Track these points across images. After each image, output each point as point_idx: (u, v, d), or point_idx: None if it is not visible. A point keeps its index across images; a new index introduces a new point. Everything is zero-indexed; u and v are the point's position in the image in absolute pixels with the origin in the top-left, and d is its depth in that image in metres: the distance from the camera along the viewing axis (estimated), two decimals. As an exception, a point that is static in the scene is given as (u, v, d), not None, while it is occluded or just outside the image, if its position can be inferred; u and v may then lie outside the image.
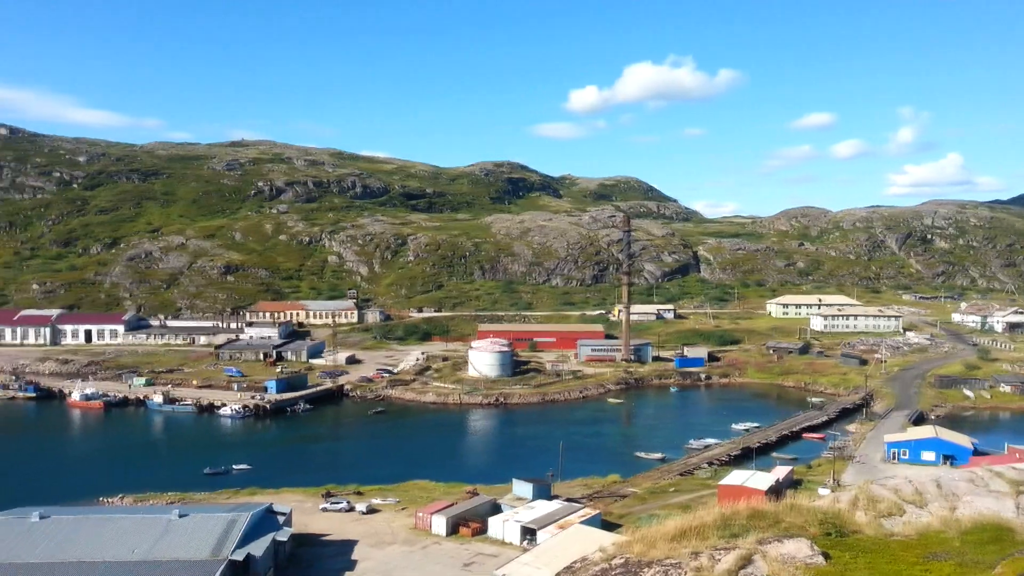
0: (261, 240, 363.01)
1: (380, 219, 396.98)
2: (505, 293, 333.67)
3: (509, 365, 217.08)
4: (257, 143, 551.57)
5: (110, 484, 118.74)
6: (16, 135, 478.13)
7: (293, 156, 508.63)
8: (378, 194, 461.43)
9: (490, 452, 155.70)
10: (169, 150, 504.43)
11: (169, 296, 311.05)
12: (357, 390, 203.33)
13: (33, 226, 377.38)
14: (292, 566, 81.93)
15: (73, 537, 75.33)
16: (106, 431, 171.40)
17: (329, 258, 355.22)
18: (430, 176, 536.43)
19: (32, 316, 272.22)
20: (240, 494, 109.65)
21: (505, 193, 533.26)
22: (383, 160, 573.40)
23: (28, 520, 78.45)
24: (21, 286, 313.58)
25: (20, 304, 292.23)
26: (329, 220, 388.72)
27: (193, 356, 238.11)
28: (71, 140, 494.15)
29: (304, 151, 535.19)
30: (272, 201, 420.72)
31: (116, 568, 70.34)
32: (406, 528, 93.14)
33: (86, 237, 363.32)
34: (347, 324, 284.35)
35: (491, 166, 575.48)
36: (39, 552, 73.08)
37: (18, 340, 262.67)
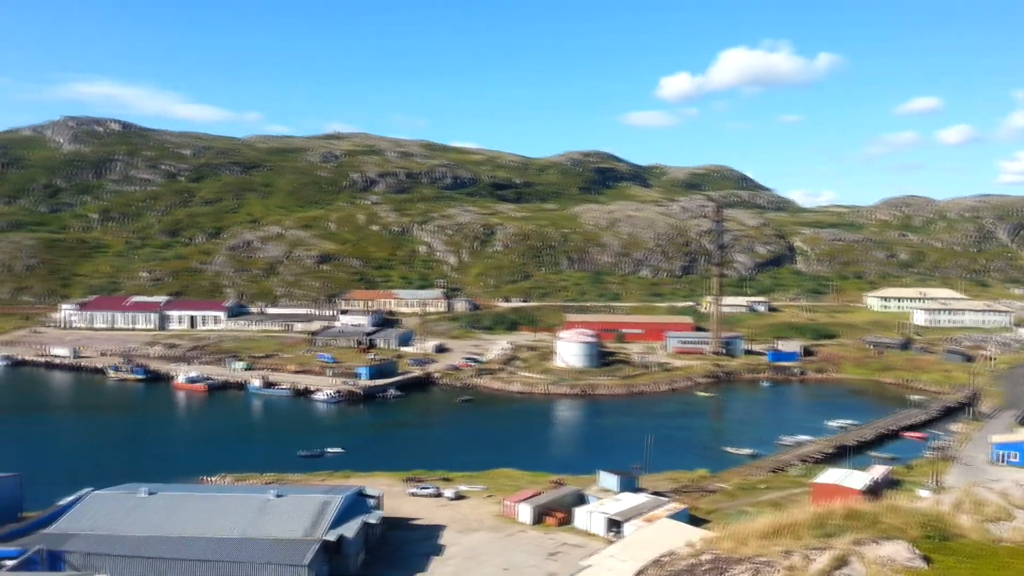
0: (354, 230, 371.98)
1: (469, 209, 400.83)
2: (593, 284, 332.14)
3: (596, 356, 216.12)
4: (351, 135, 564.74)
5: (212, 463, 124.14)
6: (128, 130, 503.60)
7: (385, 148, 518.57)
8: (467, 185, 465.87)
9: (576, 443, 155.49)
10: (268, 143, 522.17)
11: (268, 284, 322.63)
12: (445, 378, 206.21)
13: (143, 217, 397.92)
14: (382, 548, 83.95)
15: (178, 513, 79.29)
16: (208, 413, 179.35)
17: (419, 248, 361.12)
18: (518, 166, 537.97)
19: (142, 303, 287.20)
20: (333, 476, 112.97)
21: (593, 183, 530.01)
22: (472, 151, 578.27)
23: (137, 495, 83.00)
24: (132, 274, 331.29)
25: (131, 291, 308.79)
26: (419, 211, 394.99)
27: (289, 342, 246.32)
28: (177, 134, 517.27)
29: (396, 143, 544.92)
30: (365, 192, 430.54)
31: (217, 544, 73.68)
32: (492, 515, 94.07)
33: (191, 227, 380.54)
34: (436, 313, 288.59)
35: (579, 156, 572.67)
36: (146, 526, 77.26)
37: (129, 325, 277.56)
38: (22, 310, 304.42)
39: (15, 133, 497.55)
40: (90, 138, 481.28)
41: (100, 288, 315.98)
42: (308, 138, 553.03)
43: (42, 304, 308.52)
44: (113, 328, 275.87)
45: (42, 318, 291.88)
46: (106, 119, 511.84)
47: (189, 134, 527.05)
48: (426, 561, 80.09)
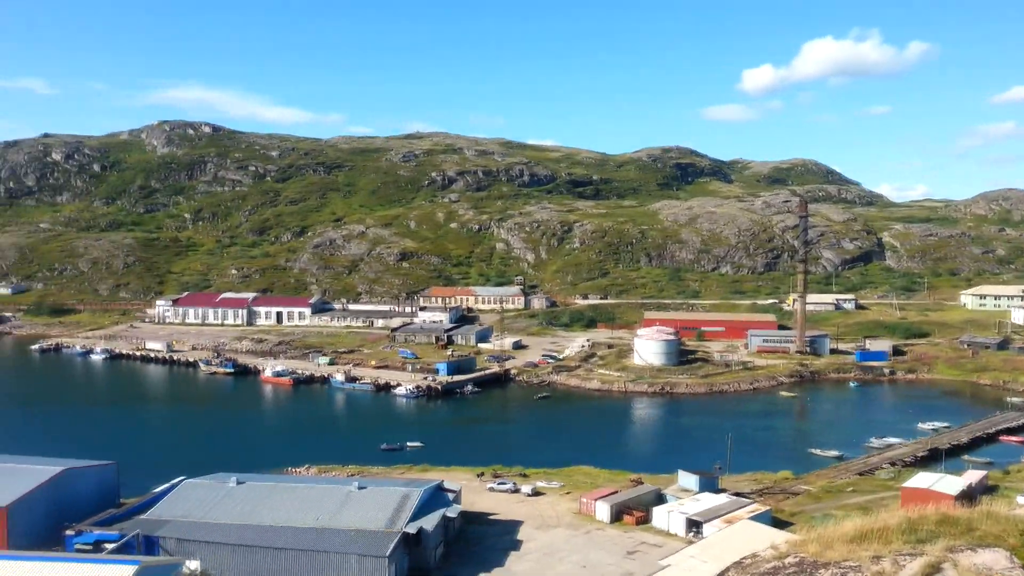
0: (434, 228, 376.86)
1: (547, 207, 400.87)
2: (672, 281, 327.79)
3: (675, 354, 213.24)
4: (431, 135, 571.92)
5: (297, 455, 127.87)
6: (218, 133, 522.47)
7: (464, 147, 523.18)
8: (545, 182, 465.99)
9: (654, 441, 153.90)
10: (351, 144, 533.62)
11: (350, 281, 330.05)
12: (523, 375, 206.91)
13: (232, 216, 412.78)
14: (460, 542, 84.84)
15: (264, 502, 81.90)
16: (294, 406, 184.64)
17: (497, 245, 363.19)
18: (596, 163, 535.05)
19: (231, 299, 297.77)
20: (413, 470, 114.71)
21: (673, 179, 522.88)
22: (550, 148, 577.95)
23: (227, 485, 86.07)
24: (222, 271, 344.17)
25: (221, 288, 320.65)
26: (497, 208, 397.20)
27: (371, 338, 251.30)
28: (265, 136, 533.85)
29: (474, 141, 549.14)
30: (444, 190, 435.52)
31: (301, 533, 75.81)
32: (570, 512, 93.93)
33: (278, 226, 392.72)
34: (514, 310, 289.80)
35: (658, 152, 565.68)
36: (235, 514, 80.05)
37: (219, 321, 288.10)
38: (120, 306, 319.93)
39: (114, 137, 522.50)
40: (183, 141, 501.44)
41: (192, 285, 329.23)
42: (389, 138, 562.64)
43: (139, 300, 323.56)
44: (204, 323, 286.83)
45: (139, 314, 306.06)
46: (198, 123, 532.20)
47: (276, 136, 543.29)
48: (504, 556, 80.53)
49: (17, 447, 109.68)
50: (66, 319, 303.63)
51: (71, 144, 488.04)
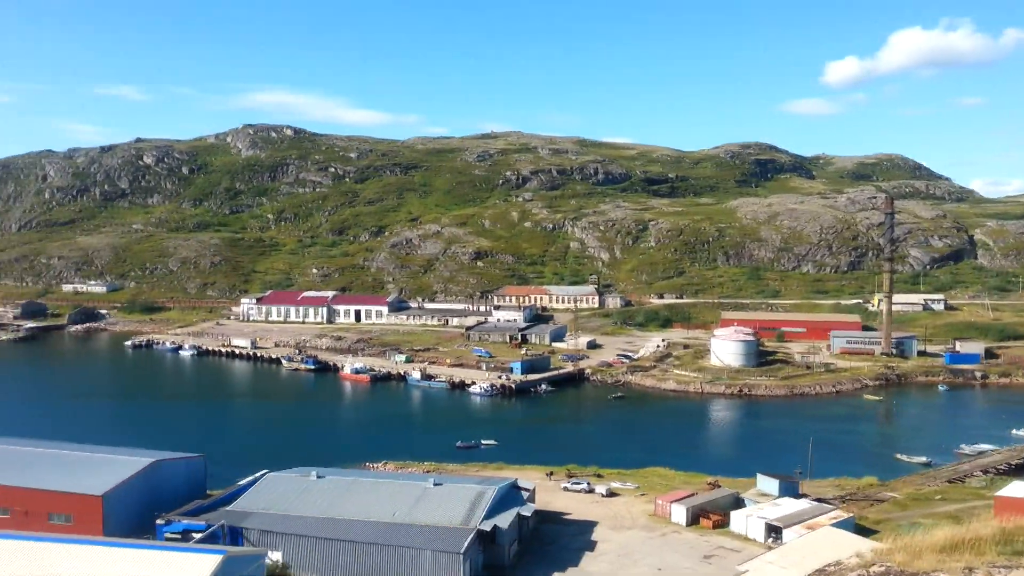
0: (508, 227, 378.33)
1: (621, 205, 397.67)
2: (751, 280, 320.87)
3: (754, 355, 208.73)
4: (505, 134, 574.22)
5: (375, 450, 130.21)
6: (299, 135, 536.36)
7: (538, 145, 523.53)
8: (619, 180, 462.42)
9: (732, 444, 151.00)
10: (427, 144, 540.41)
11: (426, 280, 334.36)
12: (597, 374, 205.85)
13: (313, 217, 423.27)
14: (534, 541, 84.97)
15: (344, 497, 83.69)
16: (372, 402, 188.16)
17: (571, 244, 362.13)
18: (672, 160, 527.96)
19: (312, 297, 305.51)
20: (488, 468, 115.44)
21: (752, 175, 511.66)
22: (625, 146, 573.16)
23: (308, 479, 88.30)
24: (303, 270, 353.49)
25: (302, 286, 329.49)
26: (572, 207, 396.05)
27: (446, 336, 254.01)
28: (344, 138, 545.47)
29: (548, 140, 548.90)
30: (518, 189, 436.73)
31: (379, 528, 77.19)
32: (645, 514, 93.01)
33: (356, 226, 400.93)
34: (588, 309, 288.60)
35: (737, 148, 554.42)
36: (316, 507, 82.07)
37: (300, 318, 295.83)
38: (207, 304, 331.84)
39: (201, 141, 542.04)
40: (266, 144, 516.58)
41: (275, 284, 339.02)
42: (464, 138, 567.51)
43: (224, 298, 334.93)
44: (286, 321, 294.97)
45: (225, 311, 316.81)
46: (280, 126, 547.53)
47: (354, 138, 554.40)
48: (578, 556, 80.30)
49: (112, 438, 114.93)
50: (157, 316, 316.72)
51: (162, 148, 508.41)
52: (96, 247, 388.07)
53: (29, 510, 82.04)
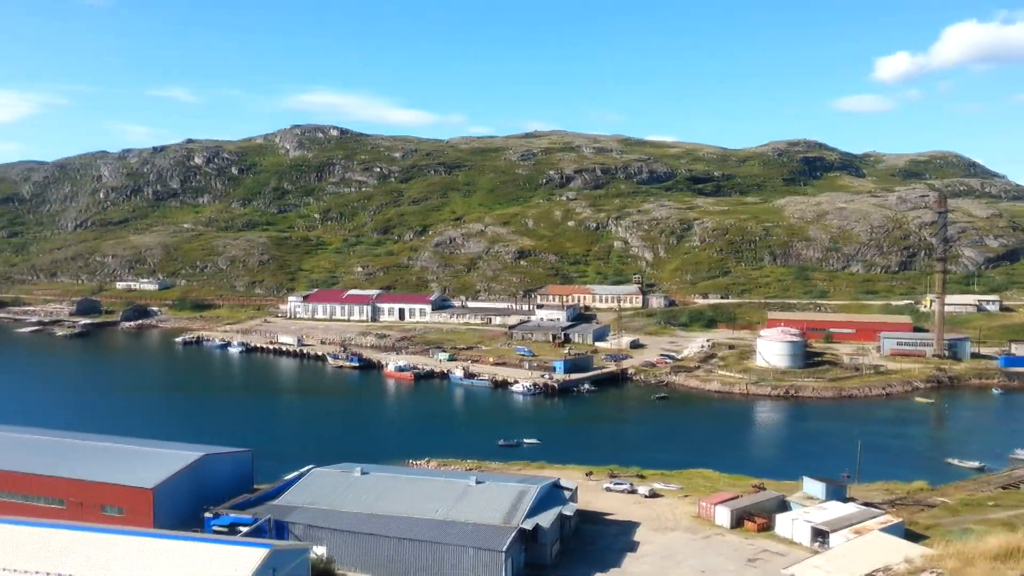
0: (551, 226, 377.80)
1: (665, 204, 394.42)
2: (797, 280, 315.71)
3: (801, 356, 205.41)
4: (549, 133, 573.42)
5: (418, 447, 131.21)
6: (345, 136, 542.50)
7: (582, 144, 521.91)
8: (664, 179, 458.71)
9: (778, 446, 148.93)
10: (470, 144, 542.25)
11: (469, 279, 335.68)
12: (640, 374, 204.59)
13: (358, 216, 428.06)
14: (576, 541, 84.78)
15: (387, 493, 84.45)
16: (415, 400, 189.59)
17: (615, 243, 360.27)
18: (717, 159, 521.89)
19: (357, 295, 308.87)
20: (529, 467, 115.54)
21: (799, 174, 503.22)
22: (669, 144, 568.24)
23: (352, 474, 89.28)
24: (348, 269, 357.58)
25: (347, 285, 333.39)
26: (615, 206, 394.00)
27: (489, 335, 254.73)
28: (389, 138, 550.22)
29: (592, 139, 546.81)
30: (561, 189, 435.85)
31: (421, 524, 77.74)
32: (688, 516, 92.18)
33: (400, 225, 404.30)
34: (631, 308, 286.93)
35: (784, 146, 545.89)
36: (360, 503, 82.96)
37: (345, 316, 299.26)
38: (255, 301, 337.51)
39: (250, 142, 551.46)
40: (313, 144, 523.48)
41: (321, 282, 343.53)
42: (507, 137, 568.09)
43: (272, 296, 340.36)
44: (331, 319, 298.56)
45: (272, 309, 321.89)
46: (327, 126, 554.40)
47: (399, 137, 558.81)
48: (620, 557, 79.89)
49: (162, 432, 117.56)
50: (206, 314, 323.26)
51: (211, 149, 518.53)
52: (148, 246, 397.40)
53: (83, 501, 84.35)
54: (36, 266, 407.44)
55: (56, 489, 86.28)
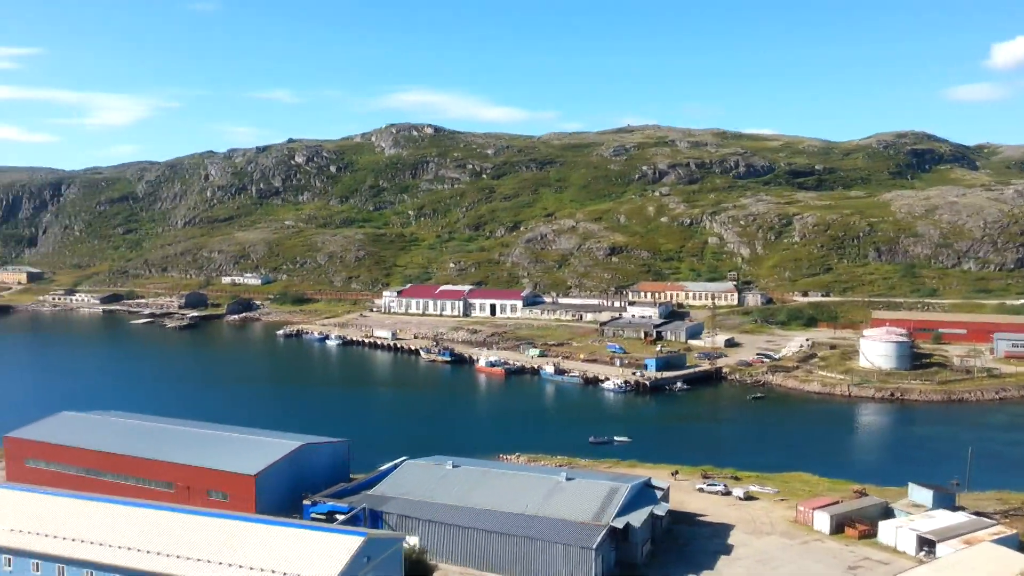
0: (643, 222, 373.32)
1: (764, 199, 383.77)
2: (904, 277, 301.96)
3: (907, 357, 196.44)
4: (642, 128, 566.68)
5: (508, 442, 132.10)
6: (439, 134, 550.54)
7: (676, 139, 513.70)
8: (762, 173, 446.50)
9: (881, 451, 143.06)
10: (562, 140, 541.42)
11: (560, 275, 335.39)
12: (735, 373, 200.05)
13: (451, 212, 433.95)
14: (668, 541, 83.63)
15: (478, 486, 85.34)
16: (506, 395, 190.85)
17: (709, 239, 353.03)
18: (820, 151, 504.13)
19: (449, 291, 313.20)
20: (620, 465, 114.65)
21: (907, 167, 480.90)
22: (768, 137, 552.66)
23: (444, 467, 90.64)
24: (441, 265, 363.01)
25: (440, 280, 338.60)
26: (710, 201, 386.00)
27: (580, 331, 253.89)
28: (481, 135, 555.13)
29: (687, 133, 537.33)
30: (655, 184, 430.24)
31: (511, 519, 78.18)
32: (785, 520, 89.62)
33: (492, 221, 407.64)
34: (726, 306, 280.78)
35: (891, 138, 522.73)
36: (452, 495, 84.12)
37: (438, 311, 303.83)
38: (352, 296, 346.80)
39: (348, 141, 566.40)
40: (408, 142, 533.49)
41: (414, 278, 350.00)
42: (600, 133, 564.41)
43: (368, 291, 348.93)
44: (424, 314, 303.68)
45: (368, 303, 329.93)
46: (421, 124, 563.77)
47: (492, 135, 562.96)
48: (713, 559, 78.40)
49: (263, 422, 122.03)
50: (306, 307, 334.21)
51: (312, 148, 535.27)
52: (252, 242, 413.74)
53: (191, 486, 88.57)
54: (149, 261, 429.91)
55: (166, 473, 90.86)
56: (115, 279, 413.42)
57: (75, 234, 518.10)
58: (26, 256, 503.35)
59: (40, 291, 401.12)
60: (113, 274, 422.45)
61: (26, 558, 64.94)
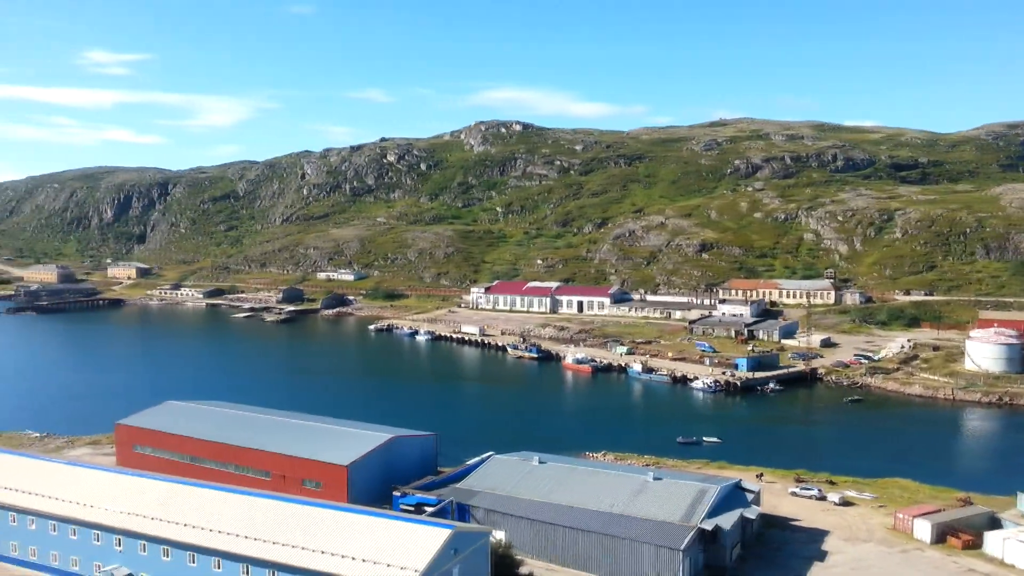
0: (735, 218, 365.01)
1: (863, 193, 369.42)
2: (1015, 276, 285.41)
3: (1018, 360, 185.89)
4: (736, 121, 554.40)
5: (594, 440, 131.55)
6: (527, 130, 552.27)
7: (771, 132, 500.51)
8: (862, 167, 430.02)
9: (988, 458, 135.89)
10: (652, 134, 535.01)
11: (649, 272, 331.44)
12: (831, 375, 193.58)
13: (539, 209, 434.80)
14: (759, 545, 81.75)
15: (564, 483, 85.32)
16: (592, 392, 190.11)
17: (805, 236, 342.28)
18: (924, 144, 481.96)
19: (536, 288, 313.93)
20: (709, 466, 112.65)
21: (1020, 159, 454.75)
22: (868, 129, 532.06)
23: (530, 463, 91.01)
24: (529, 262, 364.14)
25: (527, 277, 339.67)
26: (806, 196, 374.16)
27: (668, 329, 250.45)
28: (569, 131, 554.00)
29: (783, 126, 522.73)
30: (748, 179, 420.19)
31: (597, 517, 77.86)
32: (883, 527, 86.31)
33: (580, 218, 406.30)
34: (822, 305, 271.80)
35: (1002, 128, 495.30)
36: (538, 491, 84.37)
37: (525, 308, 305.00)
38: (441, 292, 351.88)
39: (438, 139, 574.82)
40: (496, 139, 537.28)
41: (502, 274, 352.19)
42: (691, 127, 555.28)
43: (456, 287, 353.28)
44: (512, 310, 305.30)
45: (456, 299, 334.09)
46: (510, 121, 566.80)
47: (580, 130, 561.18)
48: (806, 566, 76.21)
49: (355, 413, 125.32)
50: (397, 303, 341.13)
51: (403, 146, 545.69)
52: (346, 239, 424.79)
53: (286, 474, 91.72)
54: (249, 257, 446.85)
55: (263, 462, 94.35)
56: (217, 274, 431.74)
57: (181, 231, 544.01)
58: (136, 252, 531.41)
59: (149, 286, 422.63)
60: (216, 269, 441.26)
61: (135, 539, 68.61)
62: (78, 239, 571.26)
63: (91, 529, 71.12)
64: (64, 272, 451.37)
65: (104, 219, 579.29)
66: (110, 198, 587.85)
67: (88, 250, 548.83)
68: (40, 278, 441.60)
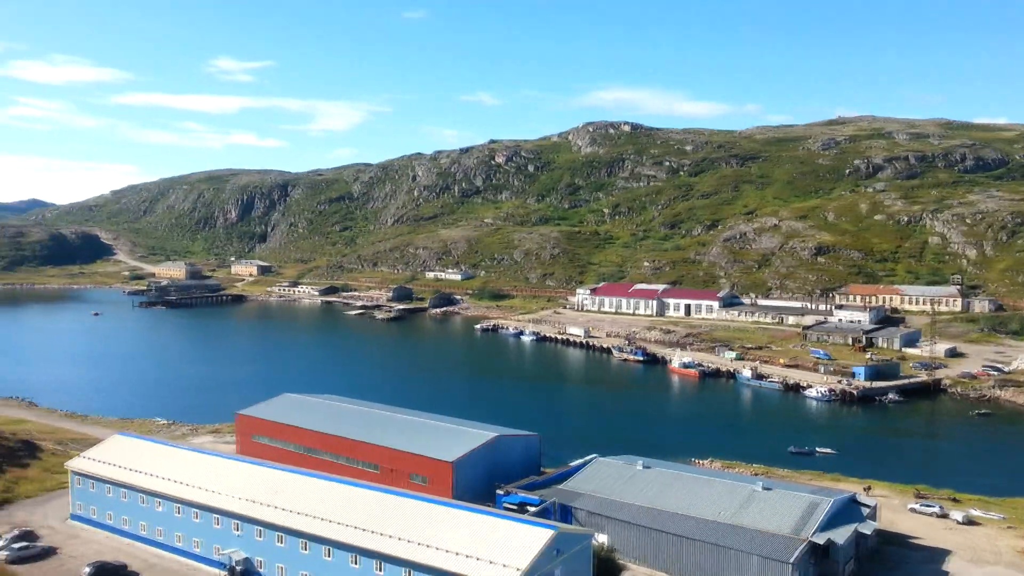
0: (854, 220, 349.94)
1: (995, 195, 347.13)
2: None
3: None
4: (856, 120, 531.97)
5: (701, 446, 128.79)
6: (636, 131, 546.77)
7: (894, 130, 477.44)
8: (994, 166, 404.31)
9: None
10: (766, 134, 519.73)
11: (760, 276, 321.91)
12: (957, 386, 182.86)
13: (646, 210, 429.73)
14: (875, 562, 78.11)
15: (669, 489, 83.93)
16: (699, 398, 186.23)
17: (930, 239, 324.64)
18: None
19: (643, 290, 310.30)
20: (823, 478, 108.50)
21: None
22: (1002, 127, 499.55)
23: (634, 467, 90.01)
24: (636, 263, 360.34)
25: (634, 279, 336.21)
26: (932, 197, 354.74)
27: (780, 335, 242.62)
28: (679, 132, 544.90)
29: (907, 124, 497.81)
30: (868, 179, 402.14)
31: (703, 525, 76.21)
32: (1012, 550, 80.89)
33: (689, 220, 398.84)
34: (948, 312, 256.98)
35: None
36: (642, 496, 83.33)
37: (631, 310, 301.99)
38: (546, 293, 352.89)
39: (546, 140, 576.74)
40: (604, 140, 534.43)
41: (608, 276, 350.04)
42: (808, 125, 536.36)
43: (562, 288, 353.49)
44: (618, 312, 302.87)
45: (562, 300, 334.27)
46: (618, 122, 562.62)
47: (690, 130, 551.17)
48: (926, 586, 72.31)
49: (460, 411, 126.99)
50: (503, 303, 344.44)
51: (511, 148, 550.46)
52: (454, 239, 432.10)
53: (395, 468, 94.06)
54: (362, 256, 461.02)
55: (373, 455, 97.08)
56: (332, 273, 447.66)
57: (299, 231, 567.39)
58: (257, 251, 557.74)
59: (268, 283, 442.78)
60: (330, 268, 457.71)
61: (252, 524, 71.93)
62: (205, 238, 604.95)
63: (212, 513, 75.05)
64: (192, 269, 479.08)
65: (229, 219, 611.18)
66: (234, 199, 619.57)
67: (214, 248, 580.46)
68: (170, 274, 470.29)
